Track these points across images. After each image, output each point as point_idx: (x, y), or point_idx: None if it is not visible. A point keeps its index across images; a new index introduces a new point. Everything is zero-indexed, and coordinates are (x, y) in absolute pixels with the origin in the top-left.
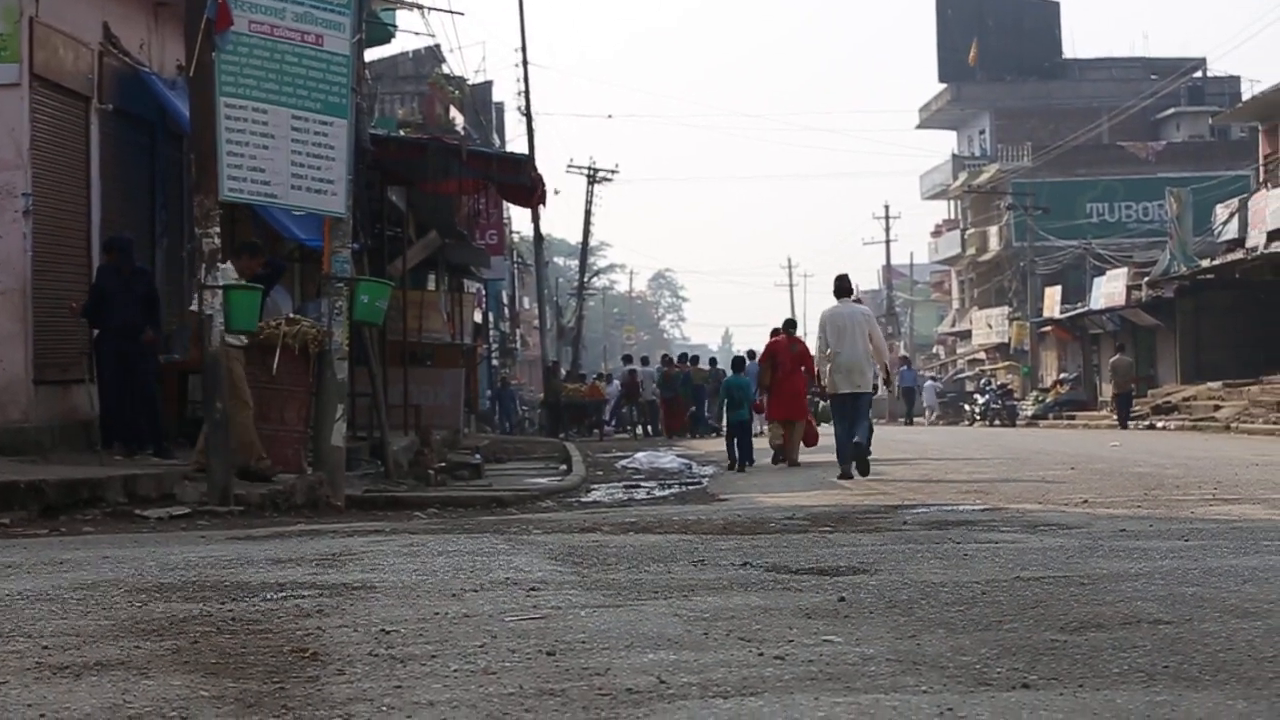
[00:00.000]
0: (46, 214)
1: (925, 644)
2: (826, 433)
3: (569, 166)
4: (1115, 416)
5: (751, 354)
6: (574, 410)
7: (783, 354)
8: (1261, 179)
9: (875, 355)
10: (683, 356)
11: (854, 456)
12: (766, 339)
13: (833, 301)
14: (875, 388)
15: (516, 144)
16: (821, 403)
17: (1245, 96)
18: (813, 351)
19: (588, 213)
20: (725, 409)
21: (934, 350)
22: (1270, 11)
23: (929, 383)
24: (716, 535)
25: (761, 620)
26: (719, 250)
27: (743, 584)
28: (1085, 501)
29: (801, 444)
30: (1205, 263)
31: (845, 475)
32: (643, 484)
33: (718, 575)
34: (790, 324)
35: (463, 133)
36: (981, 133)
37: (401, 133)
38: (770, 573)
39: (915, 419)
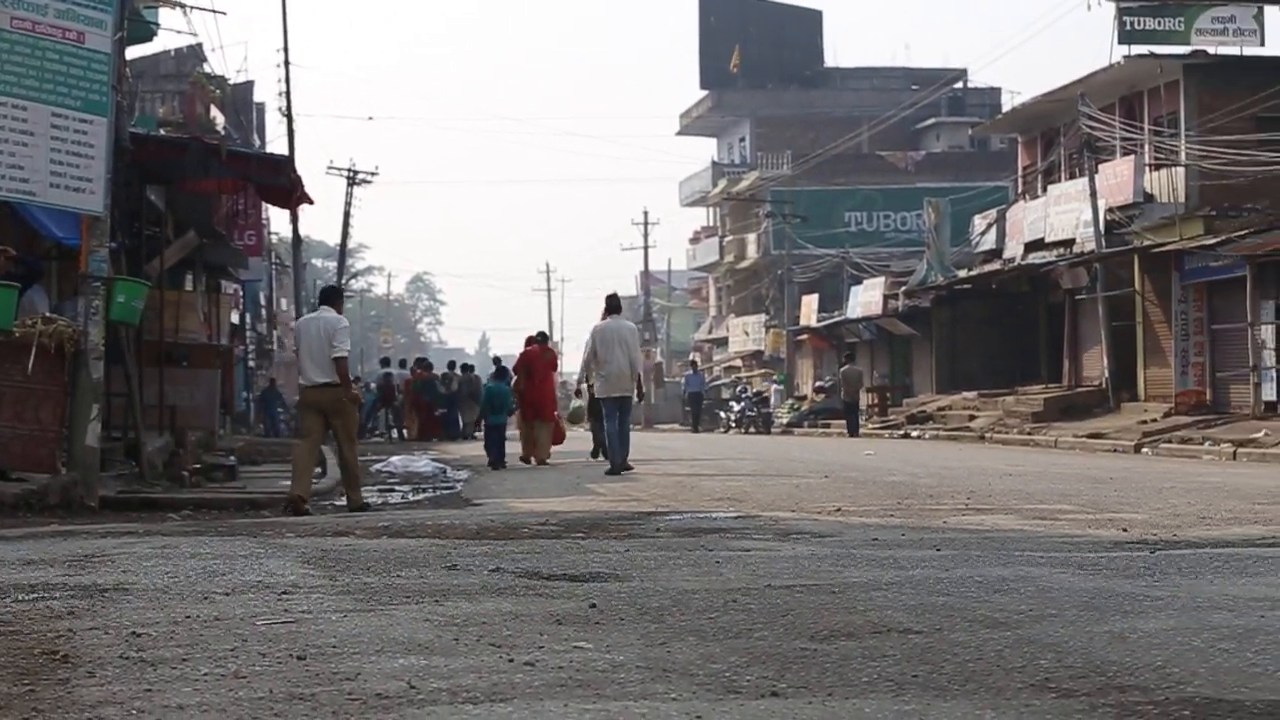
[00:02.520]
0: None
1: (675, 651)
2: (574, 436)
3: (329, 168)
4: (847, 426)
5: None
6: None
7: (536, 362)
8: (1020, 190)
9: (634, 367)
10: (465, 366)
11: (618, 453)
12: (522, 346)
13: (616, 312)
14: (640, 394)
15: (277, 145)
16: (574, 403)
17: (1005, 108)
18: (580, 360)
19: (347, 215)
20: (487, 413)
21: (690, 357)
22: (1032, 24)
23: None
24: (469, 540)
25: (512, 626)
26: (478, 254)
27: (494, 590)
28: (838, 510)
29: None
30: (962, 273)
31: (615, 471)
32: (397, 488)
33: (470, 580)
34: (543, 335)
35: (223, 132)
36: (742, 140)
37: (162, 131)
38: (522, 579)
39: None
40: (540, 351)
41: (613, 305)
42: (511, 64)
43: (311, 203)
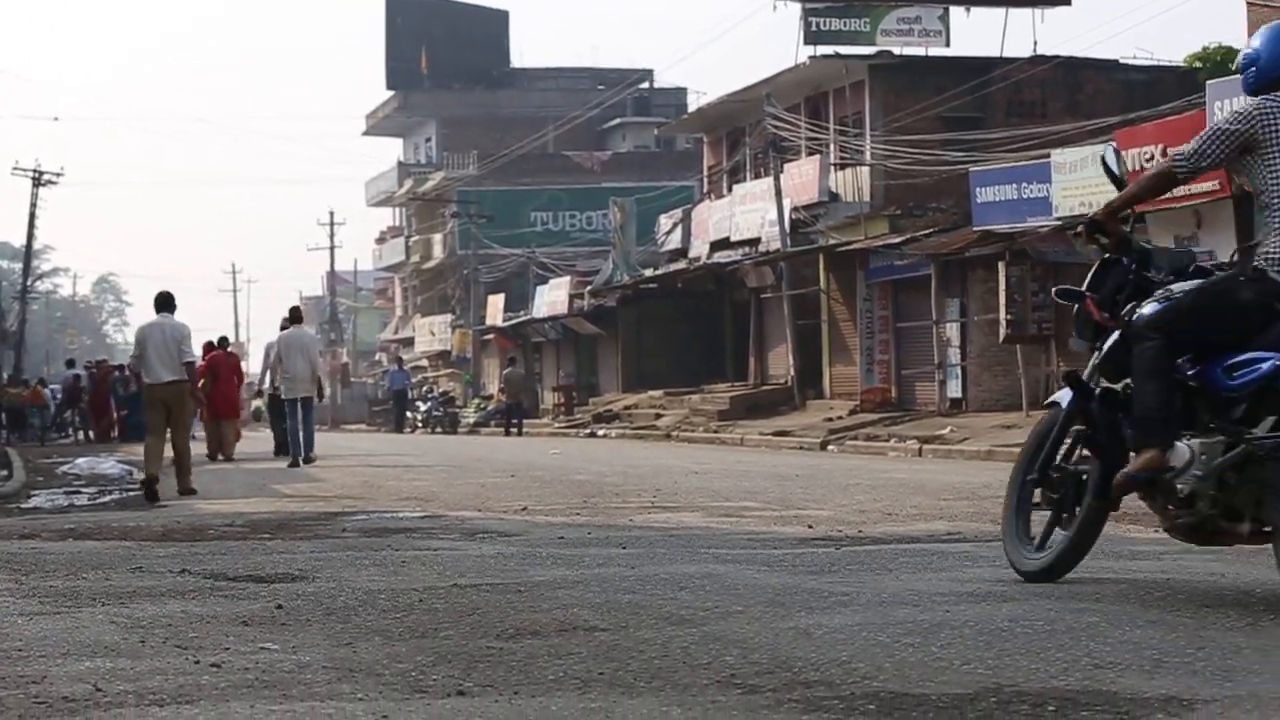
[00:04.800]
0: None
1: (362, 651)
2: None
3: (14, 169)
4: (504, 426)
5: None
6: (14, 414)
7: (221, 365)
8: (706, 190)
9: (315, 370)
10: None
11: (299, 449)
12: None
13: (298, 322)
14: (321, 395)
15: None
16: (255, 404)
17: (691, 108)
18: (260, 366)
19: (32, 216)
20: None
21: (377, 357)
22: (717, 25)
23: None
24: (155, 542)
25: (199, 628)
26: (165, 255)
27: (181, 591)
28: (524, 509)
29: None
30: (649, 272)
31: (294, 464)
32: (84, 490)
33: (156, 582)
34: (224, 340)
35: None
36: (428, 140)
37: None
38: (208, 580)
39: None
40: (225, 356)
41: (295, 316)
42: (202, 66)
43: None
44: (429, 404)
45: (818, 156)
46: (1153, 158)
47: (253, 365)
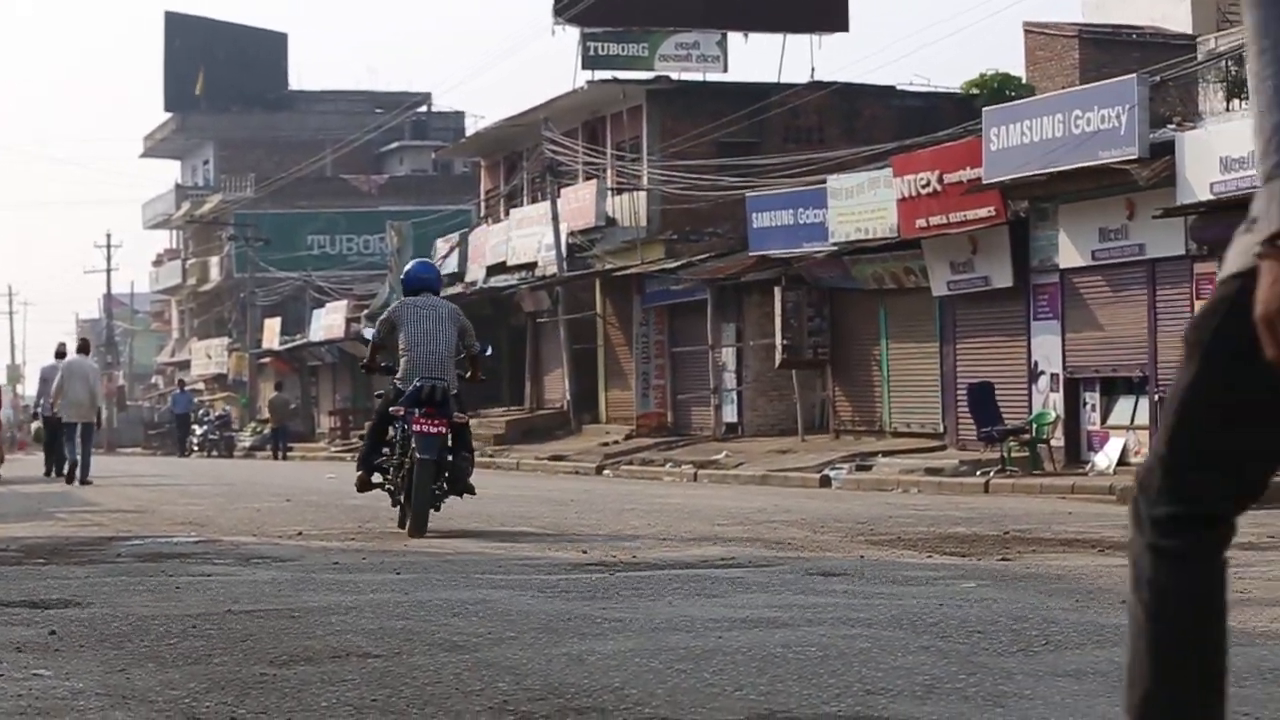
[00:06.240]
0: None
1: (135, 678)
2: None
3: None
4: (272, 449)
5: None
6: None
7: None
8: (483, 214)
9: (94, 399)
10: None
11: (74, 468)
12: None
13: (84, 351)
14: (100, 422)
15: None
16: (35, 425)
17: (469, 132)
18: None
19: None
20: None
21: (153, 380)
22: (496, 49)
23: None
24: None
25: None
26: None
27: None
28: (299, 533)
29: None
30: None
31: (70, 480)
32: None
33: None
34: None
35: None
36: (206, 163)
37: None
38: None
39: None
40: None
41: (83, 346)
42: None
43: None
44: (205, 427)
45: (595, 181)
46: (929, 184)
47: (28, 388)
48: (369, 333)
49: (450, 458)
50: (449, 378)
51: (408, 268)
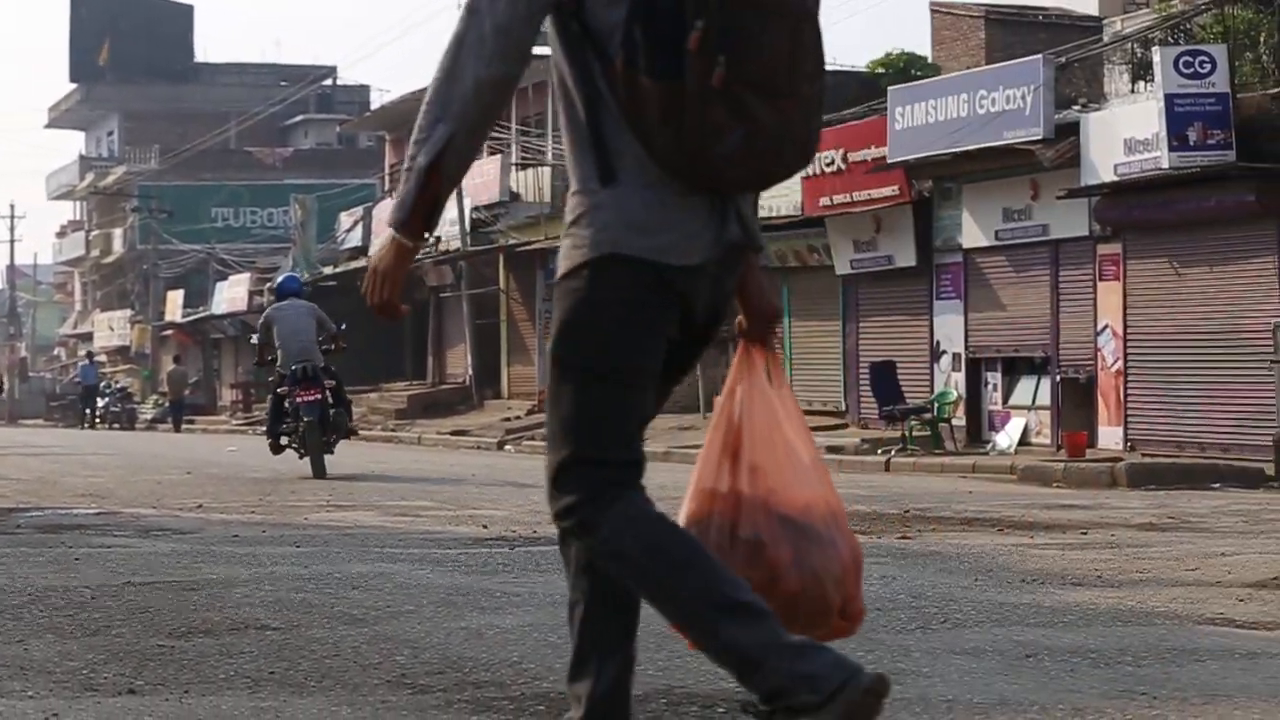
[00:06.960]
0: None
1: (33, 649)
2: None
3: None
4: (171, 422)
5: None
6: None
7: None
8: (387, 188)
9: None
10: None
11: None
12: None
13: None
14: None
15: None
16: None
17: (374, 106)
18: None
19: None
20: None
21: (56, 352)
22: (399, 23)
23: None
24: None
25: None
26: None
27: None
28: (200, 506)
29: None
30: (329, 270)
31: None
32: None
33: None
34: None
35: None
36: (110, 134)
37: None
38: None
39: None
40: None
41: None
42: None
43: None
44: (107, 399)
45: (499, 156)
46: (833, 162)
47: None
48: (255, 338)
49: (331, 413)
50: (315, 357)
51: (278, 281)
